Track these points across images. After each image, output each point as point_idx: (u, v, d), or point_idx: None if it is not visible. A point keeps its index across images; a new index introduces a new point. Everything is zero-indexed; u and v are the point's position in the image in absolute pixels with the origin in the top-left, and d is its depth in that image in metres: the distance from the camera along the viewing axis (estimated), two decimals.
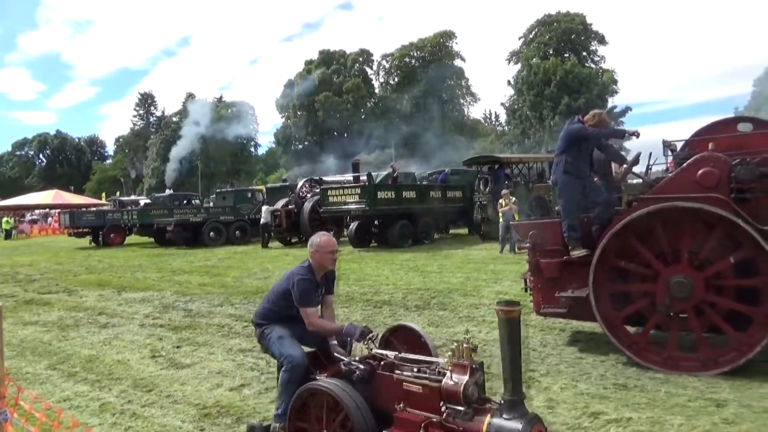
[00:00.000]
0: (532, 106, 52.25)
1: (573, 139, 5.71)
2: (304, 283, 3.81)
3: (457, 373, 2.87)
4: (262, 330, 3.96)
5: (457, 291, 9.49)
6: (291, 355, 3.65)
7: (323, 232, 4.11)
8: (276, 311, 3.96)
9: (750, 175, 4.94)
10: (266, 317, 3.99)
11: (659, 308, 5.16)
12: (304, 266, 3.95)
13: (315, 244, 3.93)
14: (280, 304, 3.95)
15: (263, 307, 4.05)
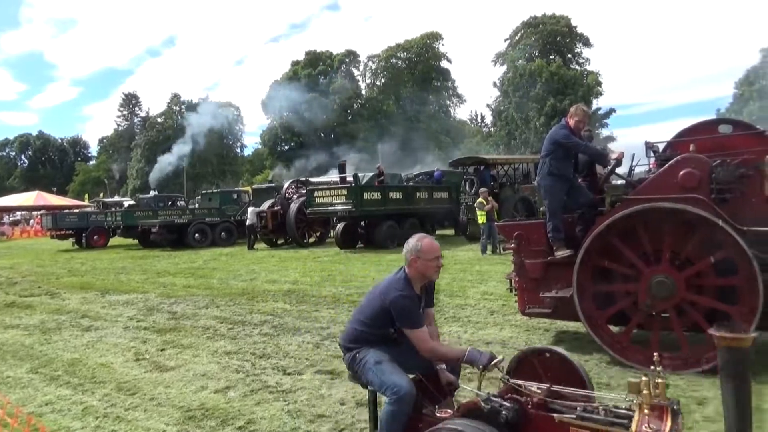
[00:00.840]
0: (518, 107, 52.59)
1: (557, 144, 5.77)
2: (405, 301, 3.21)
3: (652, 417, 2.24)
4: (353, 355, 3.35)
5: (443, 291, 9.51)
6: (397, 384, 3.03)
7: (423, 235, 3.45)
8: (369, 333, 3.36)
9: (730, 176, 5.01)
10: (358, 340, 3.38)
11: (641, 308, 5.22)
12: (400, 278, 3.32)
13: (415, 250, 3.30)
14: (374, 324, 3.34)
15: (353, 328, 3.44)
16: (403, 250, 3.36)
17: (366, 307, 3.43)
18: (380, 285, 3.42)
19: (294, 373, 5.53)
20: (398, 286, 3.27)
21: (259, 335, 7.24)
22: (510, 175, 21.01)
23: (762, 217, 5.06)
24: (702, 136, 5.73)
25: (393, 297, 3.21)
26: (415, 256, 3.29)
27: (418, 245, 3.31)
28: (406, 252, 3.33)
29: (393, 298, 3.21)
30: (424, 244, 3.31)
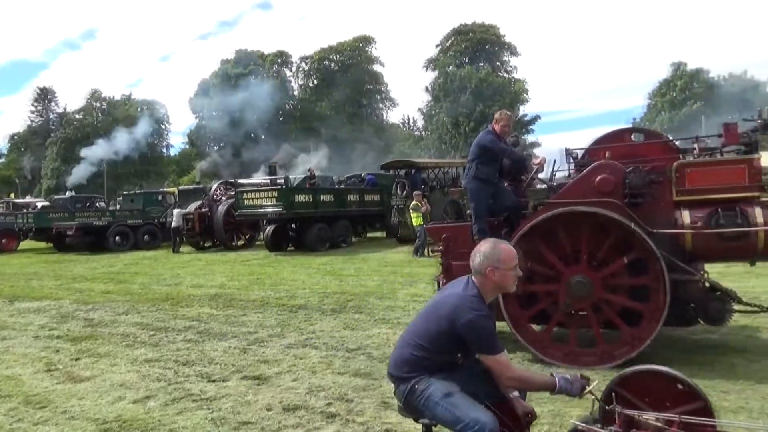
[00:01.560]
0: (449, 112, 53.71)
1: (483, 148, 5.93)
2: (484, 322, 2.74)
3: None
4: (409, 386, 2.81)
5: (373, 294, 9.56)
6: (478, 421, 2.56)
7: (498, 240, 2.96)
8: (430, 359, 2.84)
9: (641, 182, 5.33)
10: (414, 368, 2.84)
11: (561, 307, 5.45)
12: (472, 294, 2.80)
13: (493, 258, 2.80)
14: (438, 349, 2.84)
15: (409, 354, 2.87)
16: (474, 259, 2.85)
17: (425, 329, 2.87)
18: (443, 302, 2.89)
19: (219, 380, 5.37)
20: (472, 304, 2.75)
21: (183, 341, 6.99)
22: (440, 179, 21.41)
23: (669, 220, 5.42)
24: (616, 144, 6.07)
25: (469, 318, 2.70)
26: (493, 266, 2.78)
27: (496, 252, 2.80)
28: (480, 261, 2.81)
29: (469, 320, 2.69)
30: (502, 250, 2.82)
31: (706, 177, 5.39)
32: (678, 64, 53.90)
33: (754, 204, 5.25)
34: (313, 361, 5.81)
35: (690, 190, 5.38)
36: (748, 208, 5.24)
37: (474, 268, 2.86)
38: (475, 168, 5.94)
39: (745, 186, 5.26)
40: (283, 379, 5.32)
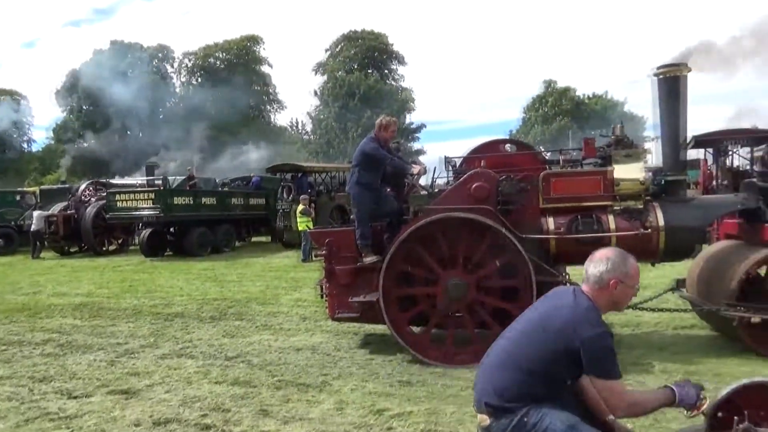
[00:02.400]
0: (337, 117, 53.94)
1: (366, 155, 6.02)
2: (606, 340, 2.39)
3: None
4: (518, 419, 2.41)
5: (255, 300, 9.33)
6: None
7: (624, 252, 2.60)
8: (539, 385, 2.46)
9: (513, 190, 5.70)
10: (522, 396, 2.44)
11: (439, 309, 5.67)
12: (589, 308, 2.45)
13: (621, 270, 2.50)
14: (549, 372, 2.45)
15: (514, 379, 2.46)
16: (597, 266, 2.53)
17: (530, 349, 2.48)
18: (552, 316, 2.51)
19: (81, 396, 4.95)
20: (591, 318, 2.42)
21: (41, 356, 6.37)
22: (327, 183, 21.42)
23: (536, 226, 5.84)
24: (491, 154, 6.44)
25: (590, 335, 2.36)
26: (619, 279, 2.49)
27: (626, 266, 2.51)
28: (606, 270, 2.50)
29: (590, 337, 2.35)
30: (632, 265, 2.53)
31: (568, 187, 5.89)
32: (549, 81, 58.35)
33: (608, 212, 5.82)
34: (188, 372, 5.55)
35: (554, 198, 5.84)
36: (602, 216, 5.78)
37: (592, 276, 2.53)
38: (358, 174, 6.01)
39: (601, 195, 5.81)
40: (154, 391, 5.02)
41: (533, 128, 55.75)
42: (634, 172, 5.88)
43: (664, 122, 6.18)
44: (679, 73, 5.96)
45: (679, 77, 5.98)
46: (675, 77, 5.98)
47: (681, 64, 5.98)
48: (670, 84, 5.98)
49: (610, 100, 57.07)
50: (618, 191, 5.81)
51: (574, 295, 2.54)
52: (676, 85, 5.99)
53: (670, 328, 6.70)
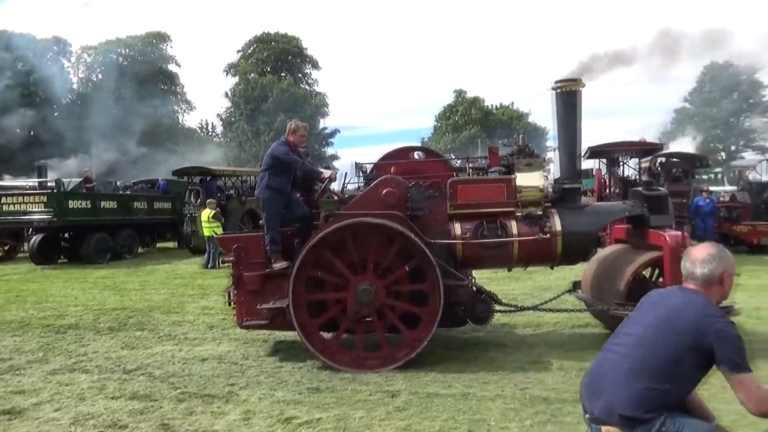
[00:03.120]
0: (249, 120, 52.74)
1: (276, 159, 5.93)
2: (735, 331, 2.34)
3: None
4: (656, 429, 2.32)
5: (159, 308, 8.90)
6: None
7: (720, 246, 2.63)
8: (670, 390, 2.36)
9: (421, 196, 5.83)
10: (656, 404, 2.34)
11: (349, 314, 5.67)
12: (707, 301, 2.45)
13: (728, 262, 2.52)
14: (679, 375, 2.37)
15: (647, 387, 2.35)
16: (705, 265, 2.49)
17: (661, 353, 2.38)
18: (677, 316, 2.43)
19: None
20: (716, 312, 2.38)
21: None
22: (237, 187, 20.86)
23: (444, 231, 6.00)
24: (401, 161, 6.55)
25: (722, 326, 2.31)
26: (729, 271, 2.49)
27: (729, 258, 2.52)
28: (715, 268, 2.47)
29: (722, 329, 2.31)
30: (730, 254, 2.55)
31: (474, 193, 6.10)
32: (459, 91, 60.24)
33: (511, 218, 6.09)
34: (81, 387, 5.18)
35: (461, 204, 6.04)
36: (506, 222, 6.05)
37: (702, 276, 2.49)
38: (268, 178, 5.91)
39: (505, 202, 6.08)
40: (42, 410, 4.65)
41: (444, 136, 57.29)
42: (535, 180, 6.20)
43: (562, 133, 6.58)
44: (575, 87, 6.36)
45: (575, 91, 6.39)
46: (571, 91, 6.38)
47: (576, 80, 6.39)
48: (566, 98, 6.37)
49: (516, 111, 59.84)
50: (520, 198, 6.10)
51: (686, 293, 2.52)
52: (572, 99, 6.40)
53: (567, 327, 7.10)
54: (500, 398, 4.66)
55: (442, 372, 5.33)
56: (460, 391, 4.82)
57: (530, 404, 4.50)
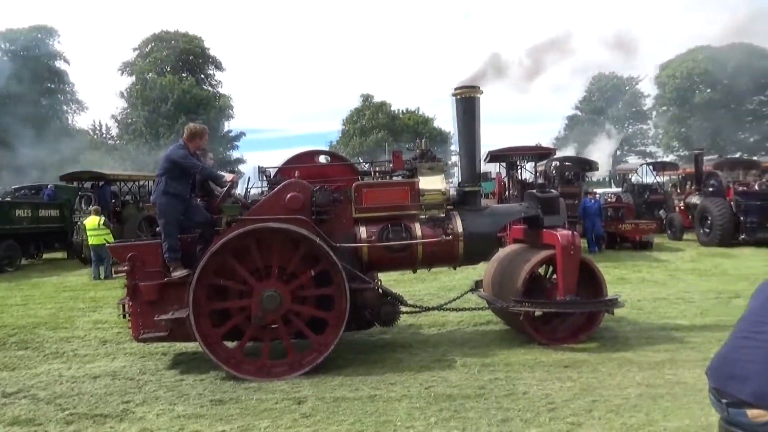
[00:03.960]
0: (148, 122, 50.19)
1: (174, 163, 5.67)
2: None
3: None
4: None
5: (44, 325, 8.23)
6: None
7: None
8: None
9: (326, 200, 5.81)
10: None
11: (254, 321, 5.54)
12: None
13: None
14: None
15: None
16: None
17: None
18: None
19: None
20: None
21: None
22: (134, 193, 19.77)
23: (349, 235, 6.02)
24: (306, 164, 6.50)
25: None
26: None
27: None
28: None
29: None
30: None
31: (378, 197, 6.17)
32: (367, 95, 60.81)
33: (415, 220, 6.22)
34: None
35: (366, 208, 6.09)
36: (410, 224, 6.17)
37: None
38: (165, 183, 5.63)
39: (408, 205, 6.20)
40: None
41: (352, 140, 57.56)
42: (437, 183, 6.37)
43: (462, 138, 6.81)
44: (473, 94, 6.61)
45: (473, 98, 6.64)
46: (470, 98, 6.62)
47: (474, 87, 6.65)
48: (466, 104, 6.61)
49: (422, 116, 61.27)
50: (423, 201, 6.25)
51: None
52: (471, 105, 6.64)
53: (470, 325, 7.35)
54: (406, 398, 4.74)
55: (350, 375, 5.34)
56: (367, 394, 4.85)
57: (435, 402, 4.61)
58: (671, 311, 7.66)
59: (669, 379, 4.91)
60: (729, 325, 6.59)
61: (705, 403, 4.28)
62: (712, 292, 8.89)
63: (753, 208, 15.08)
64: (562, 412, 4.29)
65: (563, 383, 4.91)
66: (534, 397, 4.62)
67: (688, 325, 6.85)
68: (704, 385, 4.61)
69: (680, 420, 4.06)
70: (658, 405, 4.35)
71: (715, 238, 15.40)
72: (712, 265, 12.06)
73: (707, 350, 5.67)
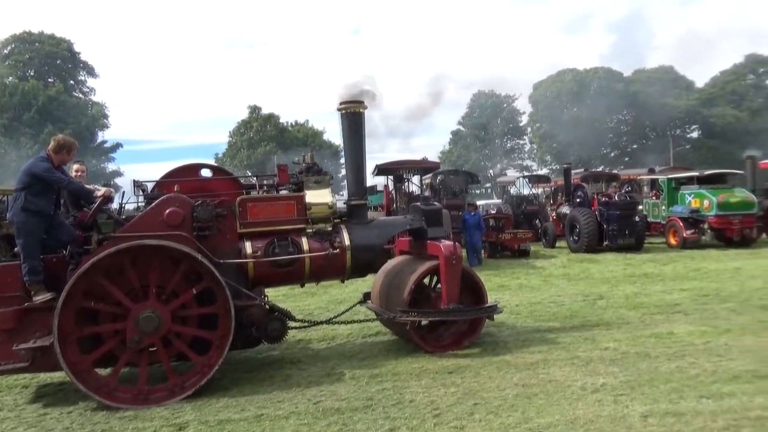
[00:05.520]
0: (7, 130, 45.58)
1: (35, 177, 5.19)
2: None
3: None
4: None
5: None
6: None
7: None
8: None
9: (208, 215, 5.60)
10: None
11: (130, 345, 5.19)
12: None
13: None
14: None
15: None
16: None
17: None
18: None
19: None
20: None
21: None
22: None
23: (234, 251, 5.85)
24: (186, 178, 6.24)
25: None
26: None
27: None
28: None
29: None
30: None
31: (264, 211, 6.07)
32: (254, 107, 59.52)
33: (302, 234, 6.18)
34: None
35: (251, 222, 5.96)
36: (297, 238, 6.12)
37: None
38: (24, 199, 5.12)
39: (295, 219, 6.15)
40: None
41: (239, 152, 56.05)
42: (324, 197, 6.38)
43: (348, 152, 6.89)
44: (359, 109, 6.72)
45: (359, 113, 6.74)
46: (356, 113, 6.73)
47: (359, 102, 6.76)
48: (351, 118, 6.70)
49: (312, 129, 61.12)
50: (310, 215, 6.23)
51: None
52: (356, 120, 6.74)
53: (360, 337, 7.40)
54: (294, 415, 4.67)
55: (235, 396, 5.16)
56: (253, 414, 4.71)
57: (323, 416, 4.59)
58: (545, 314, 8.22)
59: (542, 378, 5.25)
60: (594, 325, 7.25)
61: (573, 399, 4.66)
62: (580, 295, 9.66)
63: (614, 217, 16.61)
64: (446, 417, 4.44)
65: (447, 389, 5.09)
66: (420, 404, 4.74)
67: (559, 327, 7.38)
68: (572, 382, 5.03)
69: (551, 416, 4.35)
70: (533, 403, 4.64)
71: (582, 245, 16.75)
72: (580, 270, 13.12)
73: (575, 349, 6.17)
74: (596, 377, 5.17)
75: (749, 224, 16.44)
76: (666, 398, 4.60)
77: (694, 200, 17.15)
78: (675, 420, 4.16)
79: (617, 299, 9.10)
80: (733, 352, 5.80)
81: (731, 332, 6.60)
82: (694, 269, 12.28)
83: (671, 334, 6.61)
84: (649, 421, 4.17)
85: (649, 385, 4.92)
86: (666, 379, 5.06)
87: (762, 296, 8.76)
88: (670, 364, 5.47)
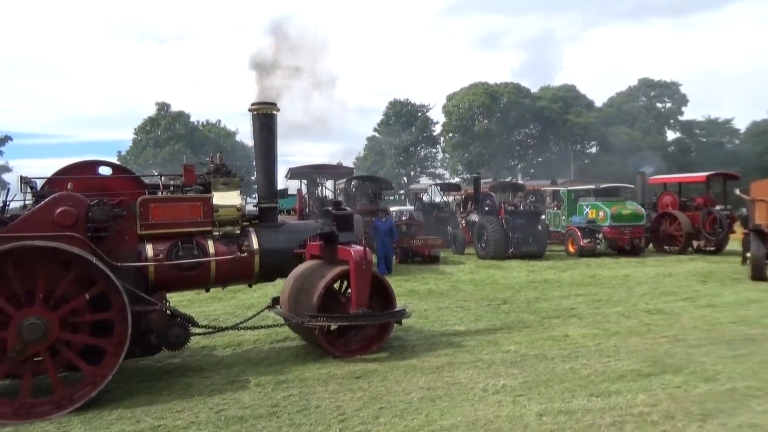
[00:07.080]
0: None
1: None
2: None
3: None
4: None
5: None
6: None
7: None
8: None
9: (105, 216, 5.29)
10: None
11: (11, 355, 4.77)
12: None
13: None
14: None
15: None
16: None
17: None
18: None
19: None
20: None
21: None
22: None
23: (134, 253, 5.55)
24: (82, 176, 5.84)
25: None
26: None
27: None
28: None
29: None
30: None
31: (168, 212, 5.82)
32: (162, 104, 57.02)
33: (208, 237, 5.97)
34: None
35: (154, 224, 5.69)
36: (202, 241, 5.91)
37: None
38: None
39: (201, 221, 5.94)
40: None
41: (145, 151, 53.49)
42: (232, 199, 6.21)
43: (259, 154, 6.76)
44: (271, 110, 6.61)
45: (271, 114, 6.63)
46: (268, 114, 6.61)
47: (272, 103, 6.65)
48: (263, 120, 6.58)
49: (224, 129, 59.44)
50: (217, 217, 6.04)
51: None
52: (268, 121, 6.63)
53: (267, 343, 7.24)
54: (194, 425, 4.48)
55: (130, 407, 4.87)
56: (149, 425, 4.47)
57: (225, 426, 4.44)
58: (452, 319, 8.45)
59: (447, 381, 5.38)
60: (498, 329, 7.54)
61: (475, 401, 4.81)
62: (486, 300, 10.02)
63: (519, 225, 17.39)
64: (351, 422, 4.43)
65: (354, 393, 5.09)
66: (326, 410, 4.71)
67: (465, 331, 7.60)
68: (475, 384, 5.19)
69: (454, 418, 4.46)
70: (437, 406, 4.73)
71: (489, 252, 17.39)
72: (487, 276, 13.60)
73: (479, 352, 6.38)
74: (497, 379, 5.37)
75: (638, 235, 17.79)
76: (560, 397, 4.85)
77: (591, 211, 18.33)
78: (567, 418, 4.40)
79: (519, 304, 9.52)
80: (621, 353, 6.23)
81: (620, 334, 7.10)
82: (589, 276, 13.10)
83: (567, 337, 7.00)
84: (544, 419, 4.39)
85: (545, 385, 5.18)
86: (560, 379, 5.34)
87: (647, 301, 9.50)
88: (564, 365, 5.78)
